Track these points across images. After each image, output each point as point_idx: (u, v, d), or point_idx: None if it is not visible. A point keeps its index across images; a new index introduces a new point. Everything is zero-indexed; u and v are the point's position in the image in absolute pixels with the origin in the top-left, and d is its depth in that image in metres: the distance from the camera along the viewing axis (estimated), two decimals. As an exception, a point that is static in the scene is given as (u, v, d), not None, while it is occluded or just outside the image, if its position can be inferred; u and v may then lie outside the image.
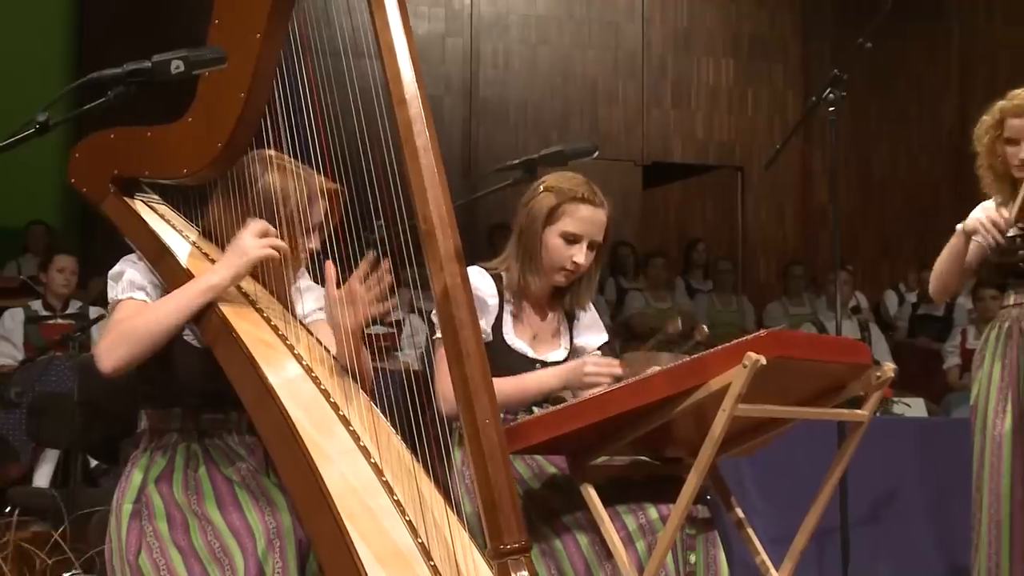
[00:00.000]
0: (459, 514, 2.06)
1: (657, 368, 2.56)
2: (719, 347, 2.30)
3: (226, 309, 2.10)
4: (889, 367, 2.53)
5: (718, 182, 9.55)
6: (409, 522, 1.96)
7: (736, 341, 2.28)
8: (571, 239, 2.65)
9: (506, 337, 2.68)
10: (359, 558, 1.83)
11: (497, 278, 2.71)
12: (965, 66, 10.03)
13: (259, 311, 2.16)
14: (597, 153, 2.54)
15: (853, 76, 10.50)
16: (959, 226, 3.26)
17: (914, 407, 5.26)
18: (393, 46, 1.94)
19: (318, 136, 2.11)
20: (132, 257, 2.26)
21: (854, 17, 9.79)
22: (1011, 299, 3.24)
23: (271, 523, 2.00)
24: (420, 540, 1.94)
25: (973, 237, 3.19)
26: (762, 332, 2.27)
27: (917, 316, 7.53)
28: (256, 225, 2.15)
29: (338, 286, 2.12)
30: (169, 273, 2.18)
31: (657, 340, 2.78)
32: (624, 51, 9.40)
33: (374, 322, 2.13)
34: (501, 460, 1.87)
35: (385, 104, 1.99)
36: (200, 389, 2.18)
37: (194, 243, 2.27)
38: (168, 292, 2.16)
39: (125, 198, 2.30)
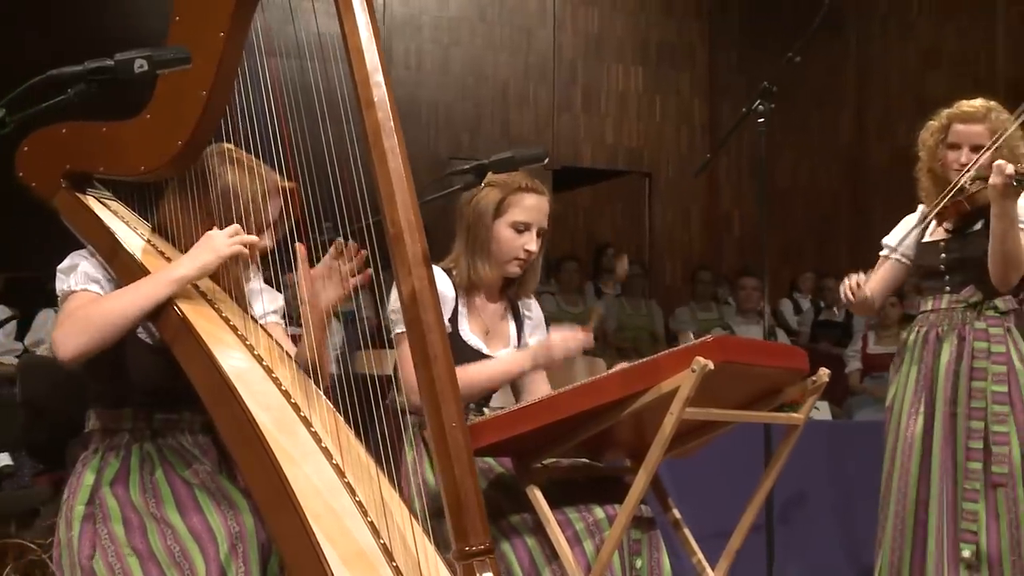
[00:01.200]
0: (415, 515, 2.07)
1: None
2: (669, 351, 2.37)
3: (185, 307, 2.08)
4: (824, 372, 2.62)
5: (626, 187, 9.70)
6: (371, 523, 1.97)
7: (684, 346, 2.35)
8: (521, 228, 2.71)
9: (461, 332, 2.71)
10: (326, 560, 1.83)
11: (448, 273, 2.74)
12: (861, 79, 10.37)
13: (218, 310, 2.15)
14: (547, 160, 2.58)
15: (758, 86, 10.72)
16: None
17: (820, 410, 5.43)
18: (362, 49, 1.96)
19: (280, 138, 2.10)
20: (83, 252, 2.22)
21: (760, 27, 10.06)
22: (929, 304, 3.37)
23: (233, 526, 1.99)
24: (382, 541, 1.95)
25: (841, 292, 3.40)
26: (709, 337, 2.34)
27: (818, 322, 7.76)
28: (230, 228, 2.14)
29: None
30: (124, 269, 2.15)
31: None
32: (536, 55, 9.48)
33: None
34: (467, 462, 1.90)
35: (351, 106, 1.99)
36: (153, 388, 2.15)
37: (148, 240, 2.25)
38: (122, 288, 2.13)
39: (77, 193, 2.26)
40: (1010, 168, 3.01)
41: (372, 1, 1.96)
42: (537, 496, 2.47)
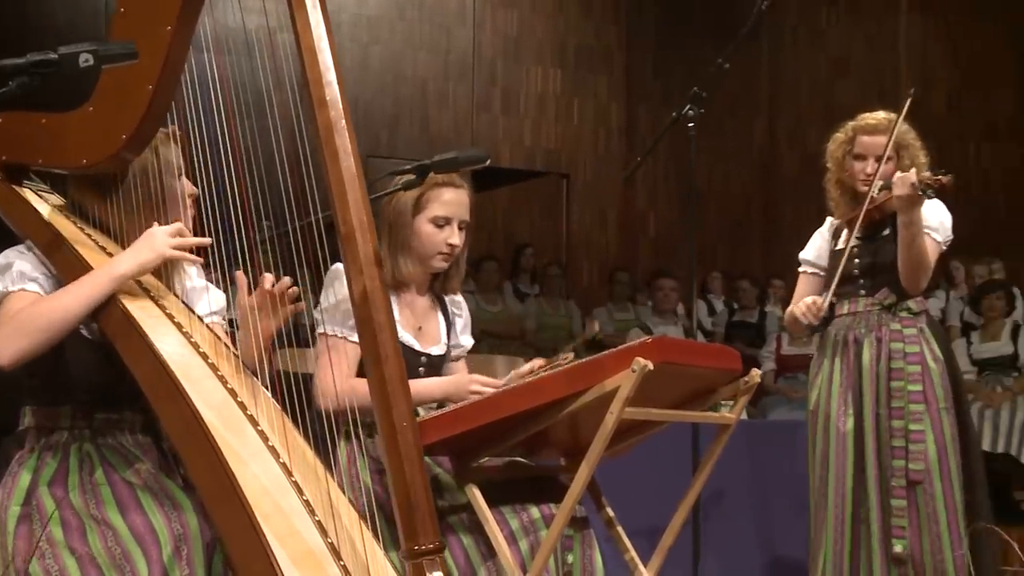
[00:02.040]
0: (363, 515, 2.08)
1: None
2: (609, 351, 2.40)
3: (128, 303, 2.05)
4: (756, 373, 2.69)
5: (544, 188, 9.75)
6: (318, 522, 1.97)
7: (624, 346, 2.39)
8: (442, 223, 2.71)
9: None
10: (276, 560, 1.83)
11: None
12: (773, 86, 10.59)
13: (162, 307, 2.12)
14: (488, 162, 2.59)
15: (676, 91, 10.88)
16: (791, 312, 3.49)
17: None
18: (314, 48, 1.96)
19: (229, 137, 2.09)
20: (19, 248, 2.17)
21: (675, 32, 10.21)
22: (845, 307, 3.48)
23: (177, 527, 1.96)
24: (329, 540, 1.95)
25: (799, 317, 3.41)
26: (648, 338, 2.38)
27: (732, 323, 7.90)
28: (171, 226, 2.11)
29: (248, 293, 2.11)
30: (65, 264, 2.11)
31: (576, 344, 2.88)
32: (455, 55, 9.49)
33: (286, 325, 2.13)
34: (417, 462, 1.91)
35: (302, 104, 1.99)
36: (94, 385, 2.12)
37: (88, 234, 2.21)
38: (65, 283, 2.09)
39: (13, 185, 2.21)
40: (913, 177, 3.13)
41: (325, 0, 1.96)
42: (476, 495, 2.49)
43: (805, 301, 3.42)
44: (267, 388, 2.13)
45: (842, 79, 10.74)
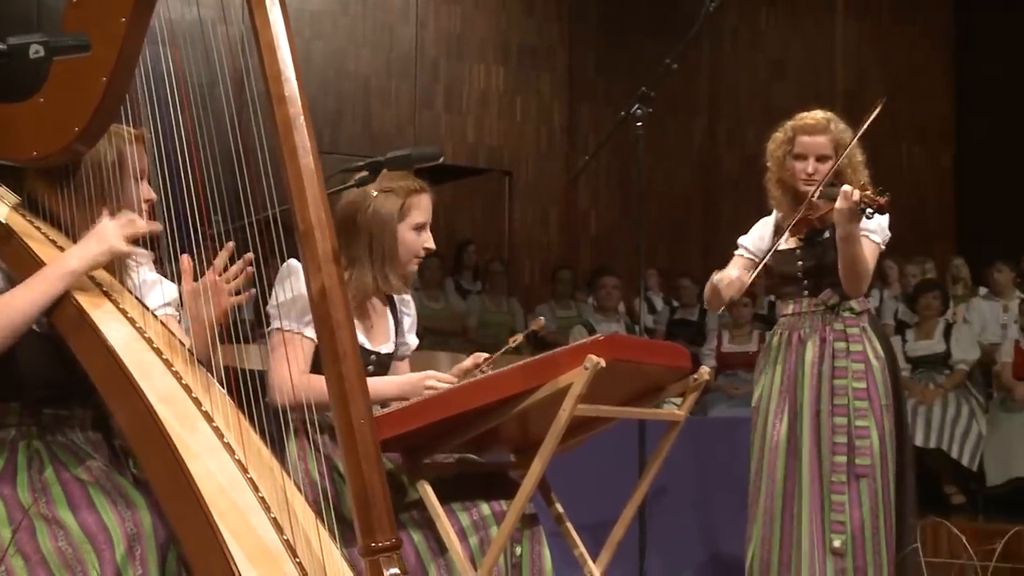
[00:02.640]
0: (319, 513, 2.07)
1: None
2: (562, 348, 2.43)
3: (80, 298, 2.03)
4: (705, 370, 2.74)
5: (487, 185, 9.76)
6: (274, 519, 1.96)
7: (576, 343, 2.42)
8: (420, 228, 2.78)
9: None
10: (232, 559, 1.82)
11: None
12: (713, 87, 10.71)
13: (114, 302, 2.10)
14: (441, 159, 2.61)
15: (618, 90, 10.97)
16: (717, 277, 3.51)
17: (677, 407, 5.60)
18: (273, 44, 1.95)
19: (184, 131, 2.07)
20: None
21: (618, 32, 10.27)
22: (789, 308, 3.54)
23: (130, 526, 1.93)
24: (285, 537, 1.95)
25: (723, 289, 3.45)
26: (600, 336, 2.41)
27: (673, 320, 7.98)
28: (123, 217, 2.09)
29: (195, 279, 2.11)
30: (15, 258, 2.08)
31: (519, 340, 2.91)
32: (398, 52, 9.46)
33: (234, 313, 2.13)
34: (375, 459, 1.90)
35: (260, 100, 1.99)
36: (44, 381, 2.09)
37: (38, 227, 2.17)
38: (15, 278, 2.06)
39: (-42, 180, 2.18)
40: (856, 195, 3.20)
41: (285, -4, 1.95)
42: (428, 491, 2.50)
43: (730, 274, 3.47)
44: (221, 383, 2.12)
45: (780, 80, 10.89)
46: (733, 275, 3.45)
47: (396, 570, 1.88)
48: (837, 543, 3.27)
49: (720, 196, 10.48)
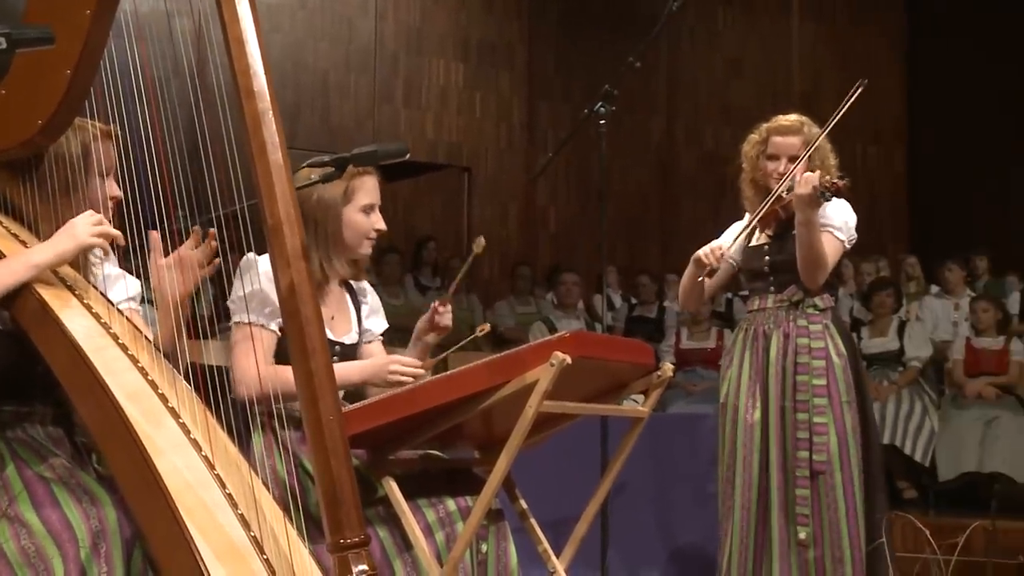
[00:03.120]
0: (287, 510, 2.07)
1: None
2: (527, 345, 2.44)
3: (45, 292, 2.01)
4: (668, 367, 2.76)
5: (446, 181, 9.75)
6: (241, 516, 1.95)
7: (542, 340, 2.43)
8: (368, 209, 2.78)
9: None
10: (200, 555, 1.81)
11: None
12: (671, 86, 10.77)
13: (78, 297, 2.08)
14: (408, 156, 2.61)
15: (577, 87, 10.99)
16: (693, 256, 3.54)
17: (637, 403, 5.63)
18: (243, 39, 1.94)
19: (150, 125, 2.06)
20: None
21: (577, 29, 10.30)
22: (755, 304, 3.58)
23: (95, 523, 1.91)
24: (252, 534, 1.94)
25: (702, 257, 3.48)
26: (566, 333, 2.42)
27: (632, 317, 8.02)
28: (92, 215, 2.07)
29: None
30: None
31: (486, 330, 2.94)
32: (356, 46, 9.41)
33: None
34: (344, 455, 1.90)
35: (228, 96, 1.97)
36: (4, 377, 2.06)
37: (0, 221, 2.15)
38: None
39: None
40: (816, 180, 3.25)
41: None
42: (393, 488, 2.50)
43: (710, 245, 3.51)
44: (187, 378, 2.10)
45: (737, 80, 10.98)
46: (714, 245, 3.50)
47: (364, 566, 1.87)
48: (802, 535, 3.32)
49: (678, 194, 10.55)
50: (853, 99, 3.51)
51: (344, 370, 2.68)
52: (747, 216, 3.67)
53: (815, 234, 3.36)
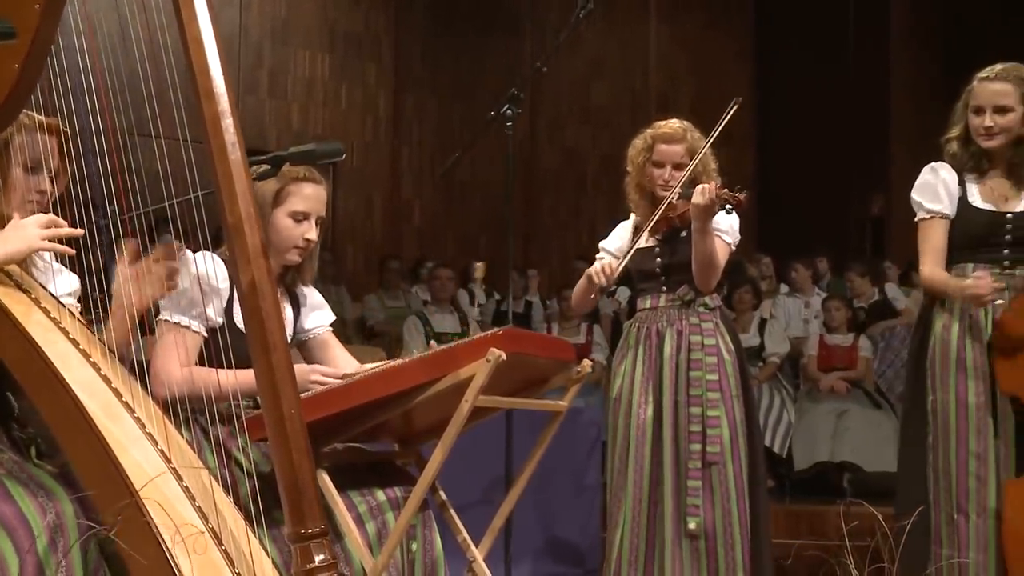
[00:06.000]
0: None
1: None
2: (460, 342, 2.51)
3: (-4, 289, 1.98)
4: (587, 363, 2.88)
5: (311, 173, 9.69)
6: (199, 508, 1.98)
7: (478, 336, 2.51)
8: (300, 217, 2.76)
9: (237, 321, 2.70)
10: (168, 548, 1.83)
11: (226, 263, 2.72)
12: (534, 84, 10.95)
13: (25, 291, 2.05)
14: (344, 156, 2.64)
15: (443, 81, 11.02)
16: (587, 271, 3.67)
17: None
18: (201, 39, 1.96)
19: (102, 118, 2.05)
20: None
21: (444, 21, 10.37)
22: (647, 303, 3.73)
23: (51, 516, 1.91)
24: (210, 526, 1.97)
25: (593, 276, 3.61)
26: (499, 330, 2.51)
27: (500, 312, 8.14)
28: (43, 217, 2.05)
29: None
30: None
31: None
32: (220, 33, 9.23)
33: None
34: (304, 448, 1.95)
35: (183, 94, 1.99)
36: None
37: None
38: None
39: None
40: (713, 191, 3.41)
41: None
42: (325, 480, 2.54)
43: (601, 261, 3.64)
44: (135, 374, 2.11)
45: (598, 80, 11.25)
46: (605, 262, 3.62)
47: (325, 555, 1.92)
48: (692, 525, 3.47)
49: (539, 190, 10.75)
50: (730, 115, 3.68)
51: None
52: (633, 217, 3.81)
53: (711, 241, 3.52)
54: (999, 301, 3.28)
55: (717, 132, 3.67)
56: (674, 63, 11.72)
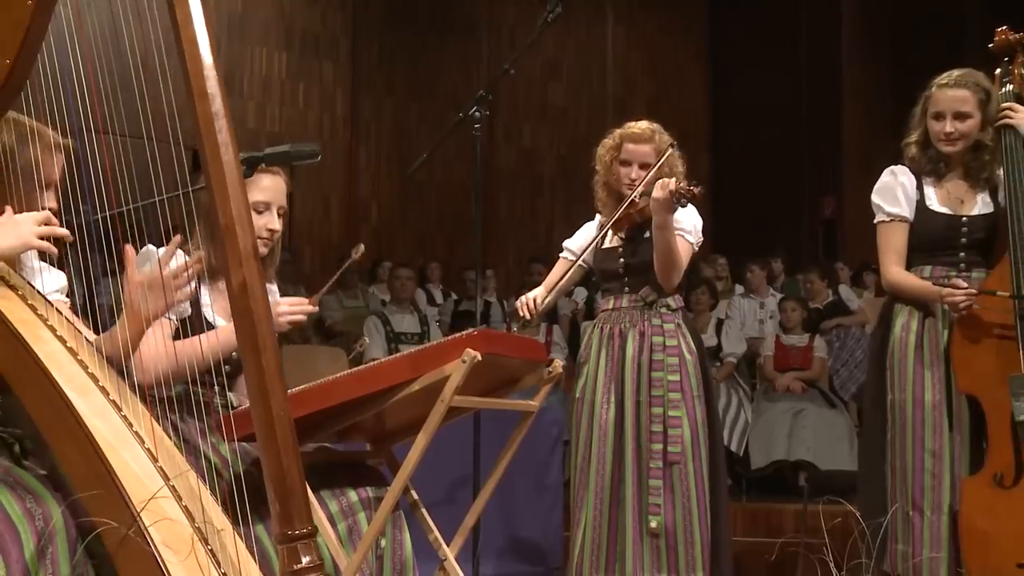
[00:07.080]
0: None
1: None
2: (434, 343, 2.55)
3: (-20, 284, 1.98)
4: (559, 363, 2.91)
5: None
6: (185, 508, 1.99)
7: (452, 337, 2.54)
8: (261, 208, 2.78)
9: (205, 314, 2.70)
10: (157, 548, 1.84)
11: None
12: (492, 84, 10.98)
13: (12, 288, 2.05)
14: (319, 157, 2.66)
15: (400, 81, 11.00)
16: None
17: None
18: (195, 40, 1.97)
19: (93, 116, 2.05)
20: None
21: (401, 21, 10.37)
22: (610, 303, 3.78)
23: (39, 522, 1.89)
24: (197, 525, 1.98)
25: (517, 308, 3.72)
26: (474, 331, 2.54)
27: (459, 312, 8.16)
28: (38, 215, 2.05)
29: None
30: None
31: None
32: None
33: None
34: (293, 449, 1.96)
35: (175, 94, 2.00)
36: None
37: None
38: None
39: None
40: (672, 185, 3.47)
41: (207, -10, 1.98)
42: (298, 479, 2.55)
43: (527, 296, 3.70)
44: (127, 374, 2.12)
45: (555, 81, 11.31)
46: (530, 296, 3.70)
47: (312, 556, 1.95)
48: (653, 524, 3.52)
49: (496, 189, 10.78)
50: (664, 158, 3.72)
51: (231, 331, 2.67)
52: (598, 217, 3.86)
53: (671, 237, 3.57)
54: (976, 307, 3.33)
55: (655, 169, 3.70)
56: (631, 64, 11.81)
